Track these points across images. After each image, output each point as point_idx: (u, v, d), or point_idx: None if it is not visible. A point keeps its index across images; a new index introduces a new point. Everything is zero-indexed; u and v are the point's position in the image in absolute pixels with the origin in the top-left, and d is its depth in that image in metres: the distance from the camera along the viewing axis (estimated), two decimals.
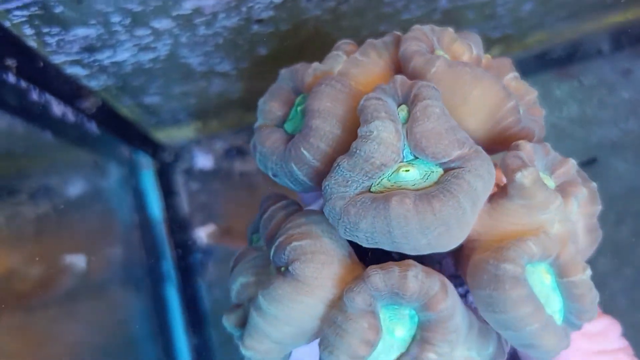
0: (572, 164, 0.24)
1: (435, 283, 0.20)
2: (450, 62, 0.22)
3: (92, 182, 0.59)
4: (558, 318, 0.22)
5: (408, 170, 0.21)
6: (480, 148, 0.21)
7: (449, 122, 0.20)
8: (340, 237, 0.22)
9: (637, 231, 0.63)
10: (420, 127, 0.20)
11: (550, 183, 0.23)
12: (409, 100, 0.21)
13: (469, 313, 0.22)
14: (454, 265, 0.25)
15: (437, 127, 0.20)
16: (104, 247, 0.60)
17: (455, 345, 0.21)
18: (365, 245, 0.21)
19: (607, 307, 0.63)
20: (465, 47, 0.25)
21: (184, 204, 0.65)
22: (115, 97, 0.53)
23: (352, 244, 0.22)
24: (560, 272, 0.22)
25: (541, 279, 0.22)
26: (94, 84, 0.49)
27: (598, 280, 0.63)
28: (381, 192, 0.21)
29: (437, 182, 0.20)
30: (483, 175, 0.20)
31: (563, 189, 0.23)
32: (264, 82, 0.57)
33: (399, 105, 0.22)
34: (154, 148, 0.64)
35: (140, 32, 0.42)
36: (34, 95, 0.44)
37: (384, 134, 0.20)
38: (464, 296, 0.24)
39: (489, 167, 0.20)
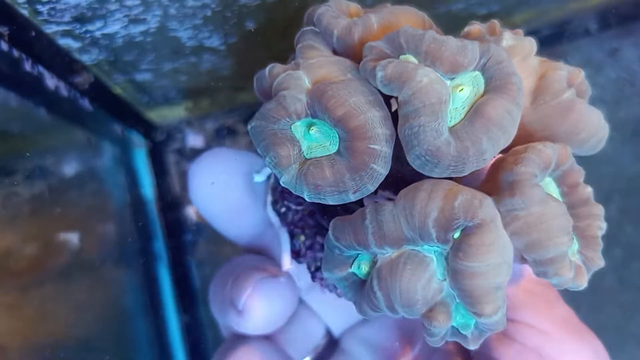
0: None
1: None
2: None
3: (85, 161, 0.59)
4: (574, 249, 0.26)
5: (462, 89, 0.23)
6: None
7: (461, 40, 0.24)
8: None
9: (624, 210, 0.64)
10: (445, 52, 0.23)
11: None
12: (403, 51, 0.24)
13: None
14: None
15: (454, 45, 0.23)
16: (97, 225, 0.61)
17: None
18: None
19: (596, 287, 0.63)
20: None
21: (175, 183, 0.65)
22: (107, 74, 0.53)
23: None
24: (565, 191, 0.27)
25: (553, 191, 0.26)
26: (86, 58, 0.49)
27: None
28: (463, 119, 0.23)
29: (487, 83, 0.23)
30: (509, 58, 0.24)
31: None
32: (253, 59, 0.58)
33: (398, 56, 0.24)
34: (145, 127, 0.65)
35: (129, 1, 0.43)
36: (27, 66, 0.44)
37: (431, 75, 0.22)
38: None
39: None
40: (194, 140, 0.65)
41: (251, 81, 0.62)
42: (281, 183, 0.25)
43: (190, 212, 0.65)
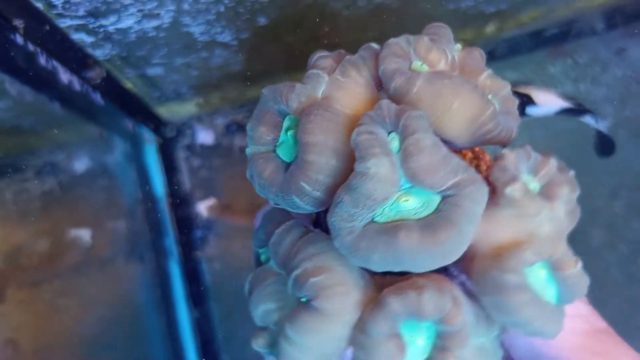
0: (552, 163, 0.25)
1: (448, 301, 0.22)
2: (430, 77, 0.23)
3: (97, 157, 0.60)
4: (554, 300, 0.24)
5: (407, 200, 0.22)
6: (472, 170, 0.22)
7: (441, 152, 0.22)
8: (350, 262, 0.23)
9: (631, 205, 0.65)
10: (415, 162, 0.21)
11: (535, 185, 0.25)
12: (398, 129, 0.22)
13: (474, 305, 0.24)
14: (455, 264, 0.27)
15: (431, 161, 0.21)
16: (108, 222, 0.61)
17: (470, 342, 0.23)
18: (376, 270, 0.22)
19: (602, 281, 0.64)
20: (441, 54, 0.26)
21: (185, 179, 0.66)
22: (119, 68, 0.54)
23: None
24: (555, 267, 0.23)
25: (537, 275, 0.23)
26: (98, 53, 0.50)
27: (593, 254, 0.64)
28: (386, 223, 0.22)
29: (436, 210, 0.22)
30: (478, 200, 0.22)
31: (548, 191, 0.24)
32: (264, 55, 0.59)
33: (389, 133, 0.23)
34: (156, 123, 0.65)
35: None
36: (42, 60, 0.44)
37: (381, 170, 0.21)
38: (463, 284, 0.25)
39: (483, 190, 0.22)
40: (204, 136, 0.66)
41: (262, 76, 0.63)
42: (247, 151, 0.26)
43: (201, 208, 0.66)
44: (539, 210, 0.23)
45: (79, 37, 0.47)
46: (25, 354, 0.52)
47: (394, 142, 0.22)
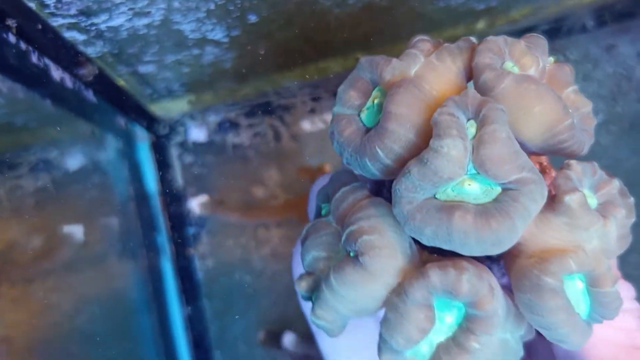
0: (615, 184, 0.26)
1: (485, 286, 0.23)
2: (518, 78, 0.24)
3: (90, 154, 0.60)
4: (584, 315, 0.24)
5: (470, 185, 0.23)
6: (537, 171, 0.23)
7: (513, 147, 0.23)
8: (404, 232, 0.25)
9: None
10: (486, 150, 0.22)
11: (594, 201, 0.25)
12: (477, 118, 0.23)
13: (507, 299, 0.24)
14: (498, 258, 0.27)
15: (501, 152, 0.22)
16: (101, 218, 0.62)
17: (495, 332, 0.24)
18: (426, 243, 0.24)
19: None
20: (534, 61, 0.27)
21: (177, 176, 0.66)
22: (111, 66, 0.54)
23: None
24: (592, 282, 0.24)
25: (575, 286, 0.24)
26: (90, 50, 0.50)
27: None
28: (445, 201, 0.23)
29: (495, 200, 0.22)
30: (537, 199, 0.22)
31: (604, 209, 0.25)
32: (255, 52, 0.59)
33: (468, 120, 0.24)
34: (148, 120, 0.65)
35: None
36: (34, 58, 0.45)
37: (453, 151, 0.22)
38: (501, 278, 0.26)
39: (543, 191, 0.23)
40: (197, 134, 0.66)
41: (253, 74, 0.64)
42: (333, 110, 0.28)
43: (193, 204, 0.66)
44: (591, 225, 0.24)
45: (71, 35, 0.48)
46: (19, 351, 0.52)
47: (471, 128, 0.23)
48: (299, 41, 0.57)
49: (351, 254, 0.25)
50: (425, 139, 0.24)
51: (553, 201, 0.24)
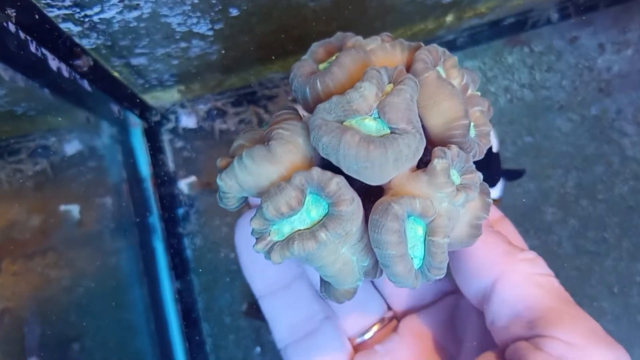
0: (478, 176, 0.30)
1: (348, 194, 0.28)
2: (440, 77, 0.30)
3: (86, 140, 0.63)
4: (416, 263, 0.29)
5: (370, 122, 0.28)
6: (422, 132, 0.28)
7: (410, 106, 0.28)
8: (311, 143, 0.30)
9: (580, 185, 0.69)
10: (390, 98, 0.27)
11: (456, 179, 0.30)
12: (396, 82, 0.29)
13: (364, 231, 0.29)
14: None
15: (400, 104, 0.27)
16: (96, 199, 0.65)
17: (344, 242, 0.28)
18: (321, 154, 0.29)
19: (555, 253, 0.69)
20: (459, 75, 0.33)
21: (168, 160, 0.70)
22: (105, 57, 0.57)
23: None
24: (429, 232, 0.28)
25: (416, 230, 0.29)
26: (85, 42, 0.53)
27: (547, 229, 0.69)
28: (347, 124, 0.28)
29: (382, 136, 0.28)
30: (411, 147, 0.27)
31: (462, 187, 0.29)
32: (238, 45, 0.63)
33: (389, 83, 0.29)
34: (141, 108, 0.69)
35: None
36: (32, 47, 0.48)
37: (367, 92, 0.27)
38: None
39: (418, 145, 0.28)
40: (187, 120, 0.70)
41: (237, 66, 0.67)
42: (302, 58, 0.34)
43: (182, 185, 0.70)
44: (444, 187, 0.28)
45: (66, 26, 0.51)
46: (20, 321, 0.55)
47: (388, 87, 0.29)
48: (278, 34, 0.61)
49: (265, 143, 0.30)
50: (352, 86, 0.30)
51: (427, 165, 0.29)
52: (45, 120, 0.62)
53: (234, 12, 0.54)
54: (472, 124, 0.32)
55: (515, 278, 0.32)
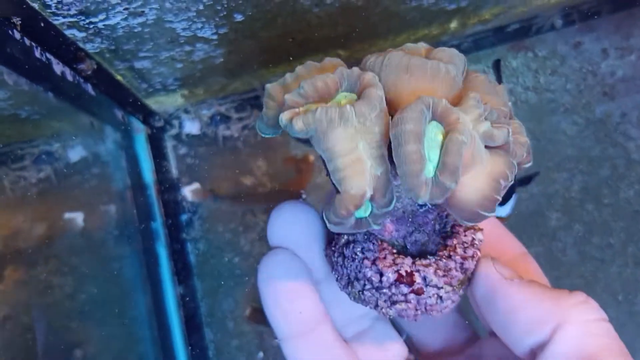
0: (507, 130, 0.29)
1: (379, 90, 0.28)
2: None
3: (89, 146, 0.63)
4: (431, 169, 0.27)
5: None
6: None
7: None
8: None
9: (586, 189, 0.69)
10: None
11: (486, 125, 0.29)
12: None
13: (385, 143, 0.28)
14: None
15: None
16: (100, 206, 0.65)
17: (364, 135, 0.27)
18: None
19: (559, 260, 0.68)
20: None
21: (172, 166, 0.70)
22: (108, 61, 0.57)
23: None
24: (448, 129, 0.27)
25: (435, 134, 0.28)
26: (89, 46, 0.53)
27: (551, 235, 0.68)
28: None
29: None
30: (450, 71, 0.28)
31: (488, 126, 0.29)
32: (242, 49, 0.63)
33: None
34: (145, 113, 0.69)
35: None
36: (37, 53, 0.48)
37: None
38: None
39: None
40: (190, 126, 0.70)
41: (241, 70, 0.68)
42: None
43: (186, 192, 0.70)
44: (473, 111, 0.28)
45: (71, 32, 0.51)
46: (21, 328, 0.55)
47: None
48: (282, 39, 0.61)
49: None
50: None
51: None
52: (49, 124, 0.62)
53: (239, 17, 0.54)
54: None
55: (571, 328, 0.31)
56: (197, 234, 0.70)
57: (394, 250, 0.32)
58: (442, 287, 0.32)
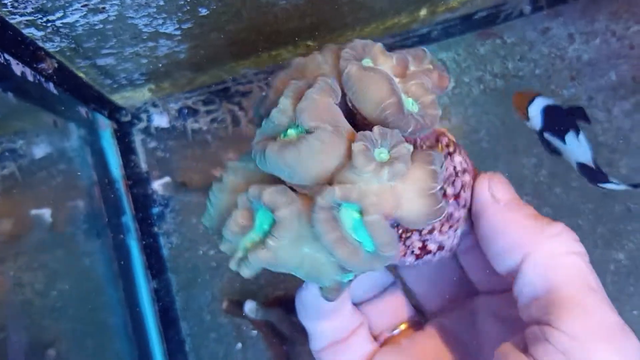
0: (406, 148, 0.29)
1: (283, 198, 0.28)
2: (363, 67, 0.30)
3: (54, 142, 0.62)
4: (369, 246, 0.29)
5: (291, 131, 0.28)
6: (340, 127, 0.28)
7: (318, 104, 0.28)
8: None
9: (554, 174, 0.70)
10: (299, 104, 0.28)
11: (385, 156, 0.29)
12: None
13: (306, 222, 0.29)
14: None
15: (307, 105, 0.28)
16: (67, 202, 0.64)
17: (302, 243, 0.29)
18: (258, 165, 0.29)
19: None
20: (388, 59, 0.32)
21: (141, 160, 0.69)
22: (70, 59, 0.57)
23: None
24: (362, 212, 0.28)
25: (352, 215, 0.28)
26: (48, 45, 0.52)
27: None
28: (274, 137, 0.29)
29: (297, 137, 0.28)
30: (324, 140, 0.28)
31: (385, 162, 0.29)
32: (208, 43, 0.62)
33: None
34: (110, 109, 0.68)
35: None
36: None
37: (282, 106, 0.28)
38: None
39: (332, 138, 0.28)
40: (159, 120, 0.69)
41: (208, 63, 0.67)
42: None
43: (157, 186, 0.69)
44: (366, 168, 0.28)
45: (30, 31, 0.50)
46: None
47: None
48: (249, 32, 0.60)
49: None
50: None
51: None
52: (11, 124, 0.60)
53: (204, 11, 0.53)
54: (410, 99, 0.32)
55: (538, 258, 0.31)
56: (170, 227, 0.69)
57: (399, 231, 0.33)
58: (455, 230, 0.34)
